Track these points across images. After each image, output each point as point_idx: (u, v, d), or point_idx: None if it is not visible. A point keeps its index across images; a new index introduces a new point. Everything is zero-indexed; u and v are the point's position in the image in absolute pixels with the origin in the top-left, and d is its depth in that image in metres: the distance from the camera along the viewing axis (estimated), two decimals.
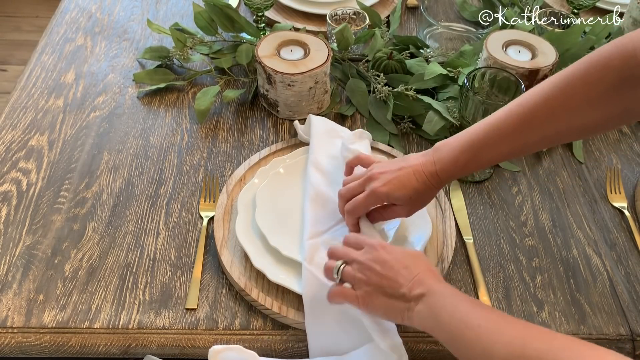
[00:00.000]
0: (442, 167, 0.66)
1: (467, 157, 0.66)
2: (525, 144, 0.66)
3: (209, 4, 1.02)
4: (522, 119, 0.63)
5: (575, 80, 0.61)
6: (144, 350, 0.69)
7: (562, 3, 1.19)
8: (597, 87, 0.60)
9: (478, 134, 0.65)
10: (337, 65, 1.04)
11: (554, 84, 0.63)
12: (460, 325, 0.54)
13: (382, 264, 0.60)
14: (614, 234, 0.82)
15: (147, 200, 0.83)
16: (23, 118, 0.95)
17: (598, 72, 0.60)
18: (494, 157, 0.68)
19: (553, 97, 0.62)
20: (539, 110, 0.63)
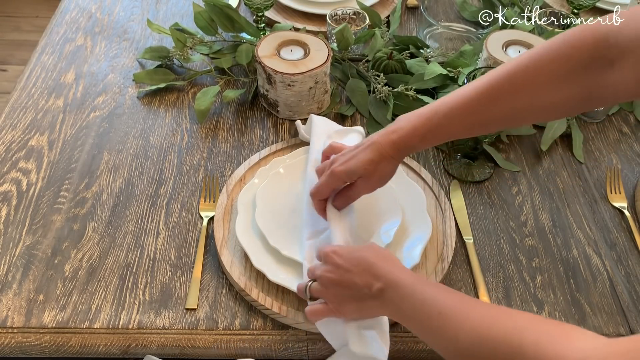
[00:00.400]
0: (399, 136, 0.65)
1: (426, 128, 0.65)
2: (486, 120, 0.65)
3: (209, 4, 1.02)
4: (486, 93, 0.63)
5: (542, 58, 0.61)
6: (144, 350, 0.69)
7: (562, 3, 1.19)
8: (564, 64, 0.60)
9: (439, 106, 0.65)
10: (337, 65, 1.04)
11: (520, 60, 0.62)
12: (423, 316, 0.54)
13: (337, 270, 0.60)
14: (614, 234, 0.82)
15: (147, 200, 0.83)
16: (23, 118, 0.95)
17: (568, 50, 0.60)
18: (454, 131, 0.67)
19: (517, 72, 0.62)
20: (503, 84, 0.62)
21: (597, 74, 0.59)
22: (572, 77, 0.60)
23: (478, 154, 0.90)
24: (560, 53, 0.60)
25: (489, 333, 0.48)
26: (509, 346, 0.46)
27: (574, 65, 0.59)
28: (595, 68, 0.59)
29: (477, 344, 0.49)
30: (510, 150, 0.93)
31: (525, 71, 0.61)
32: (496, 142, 0.94)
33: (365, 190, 0.70)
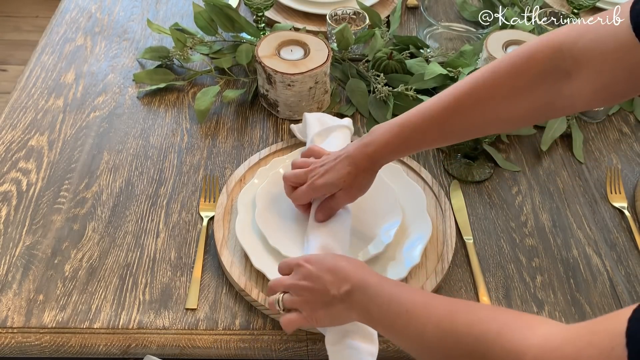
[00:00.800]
0: (374, 149, 0.68)
1: (398, 141, 0.67)
2: (453, 131, 0.67)
3: (209, 4, 1.02)
4: (450, 106, 0.65)
5: (501, 70, 0.62)
6: (144, 350, 0.69)
7: (562, 3, 1.19)
8: (522, 77, 0.61)
9: (410, 119, 0.67)
10: (337, 65, 1.04)
11: (481, 73, 0.64)
12: (390, 315, 0.55)
13: (308, 278, 0.61)
14: (614, 234, 0.82)
15: (147, 200, 0.83)
16: (23, 118, 0.95)
17: (524, 63, 0.61)
18: (424, 142, 0.70)
19: (479, 85, 0.63)
20: (466, 97, 0.64)
21: (555, 85, 0.61)
22: (531, 88, 0.62)
23: (478, 154, 0.90)
24: (518, 66, 0.62)
25: (451, 327, 0.49)
26: (473, 337, 0.47)
27: (532, 77, 0.61)
28: (552, 79, 0.60)
29: (442, 338, 0.50)
30: (510, 150, 0.93)
31: (485, 85, 0.63)
32: (496, 142, 0.94)
33: (345, 201, 0.72)
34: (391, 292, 0.56)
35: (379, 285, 0.57)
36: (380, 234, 0.75)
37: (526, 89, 0.62)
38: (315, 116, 0.88)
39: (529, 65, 0.61)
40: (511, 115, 0.64)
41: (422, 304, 0.53)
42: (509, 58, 0.63)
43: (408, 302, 0.54)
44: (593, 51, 0.57)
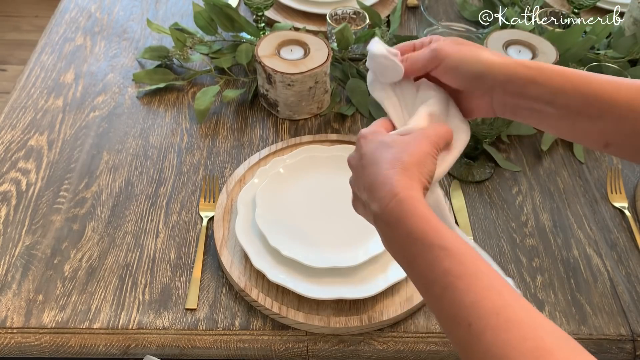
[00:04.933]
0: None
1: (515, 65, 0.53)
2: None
3: (208, 4, 1.02)
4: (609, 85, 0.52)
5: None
6: (143, 350, 0.69)
7: (563, 3, 1.19)
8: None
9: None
10: (337, 65, 1.04)
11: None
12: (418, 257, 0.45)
13: (359, 158, 0.53)
14: (614, 234, 0.81)
15: (146, 200, 0.83)
16: (22, 118, 0.95)
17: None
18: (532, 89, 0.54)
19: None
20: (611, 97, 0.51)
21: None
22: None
23: (478, 153, 0.90)
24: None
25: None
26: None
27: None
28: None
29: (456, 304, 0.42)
30: (511, 150, 0.93)
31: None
32: (497, 142, 0.94)
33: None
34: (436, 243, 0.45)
35: (413, 232, 0.46)
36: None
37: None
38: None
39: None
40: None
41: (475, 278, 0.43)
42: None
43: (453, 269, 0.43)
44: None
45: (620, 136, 0.51)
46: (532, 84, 0.52)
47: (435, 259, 0.43)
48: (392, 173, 0.49)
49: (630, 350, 0.70)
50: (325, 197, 0.81)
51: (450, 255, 0.43)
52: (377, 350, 0.69)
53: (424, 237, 0.45)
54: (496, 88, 0.53)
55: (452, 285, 0.42)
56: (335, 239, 0.76)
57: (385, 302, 0.71)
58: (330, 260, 0.72)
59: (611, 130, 0.51)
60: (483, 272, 0.43)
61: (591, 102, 0.51)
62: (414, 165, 0.50)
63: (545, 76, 0.52)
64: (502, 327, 0.40)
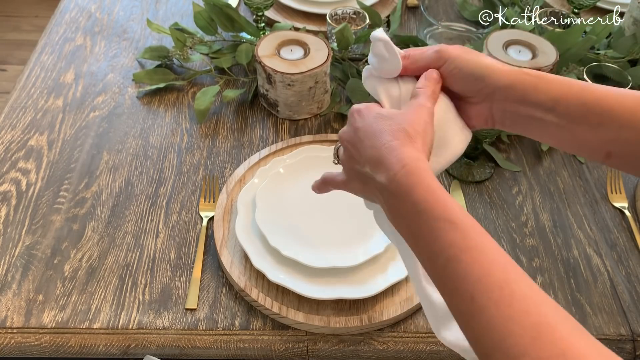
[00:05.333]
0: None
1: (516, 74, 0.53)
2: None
3: (208, 4, 1.02)
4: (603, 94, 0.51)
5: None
6: (143, 350, 0.69)
7: (563, 3, 1.19)
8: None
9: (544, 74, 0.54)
10: (337, 65, 1.04)
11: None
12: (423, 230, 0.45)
13: (354, 132, 0.52)
14: (614, 234, 0.81)
15: (146, 200, 0.83)
16: (22, 118, 0.95)
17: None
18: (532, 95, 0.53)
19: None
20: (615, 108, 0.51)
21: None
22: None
23: (478, 153, 0.90)
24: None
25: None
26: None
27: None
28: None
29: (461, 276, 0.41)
30: (511, 150, 0.93)
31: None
32: (497, 142, 0.94)
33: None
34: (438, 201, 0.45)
35: (422, 202, 0.45)
36: (381, 233, 0.75)
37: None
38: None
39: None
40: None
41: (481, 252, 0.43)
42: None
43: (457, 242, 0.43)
44: None
45: (622, 145, 0.51)
46: (533, 91, 0.52)
47: (440, 231, 0.43)
48: (398, 144, 0.48)
49: (630, 350, 0.70)
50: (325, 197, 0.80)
51: (456, 229, 0.43)
52: (377, 350, 0.69)
53: (431, 209, 0.44)
54: (497, 93, 0.53)
55: (457, 257, 0.42)
56: (335, 239, 0.76)
57: (385, 302, 0.71)
58: (330, 260, 0.72)
59: (612, 139, 0.51)
60: (488, 246, 0.43)
61: (592, 110, 0.51)
62: (418, 134, 0.49)
63: (546, 83, 0.52)
64: (505, 301, 0.40)
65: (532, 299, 0.40)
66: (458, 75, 0.54)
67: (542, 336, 0.37)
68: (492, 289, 0.40)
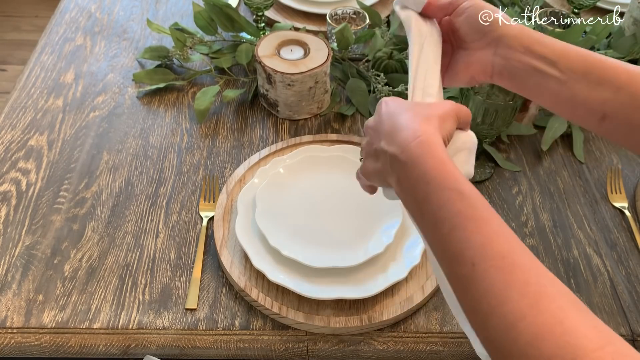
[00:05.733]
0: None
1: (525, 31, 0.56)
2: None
3: (208, 4, 1.02)
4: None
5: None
6: (143, 350, 0.69)
7: (563, 3, 1.19)
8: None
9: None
10: (337, 65, 1.04)
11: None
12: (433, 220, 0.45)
13: (376, 121, 0.54)
14: (614, 234, 0.81)
15: (146, 200, 0.83)
16: (22, 118, 0.95)
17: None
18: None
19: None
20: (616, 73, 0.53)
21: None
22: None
23: (478, 153, 0.90)
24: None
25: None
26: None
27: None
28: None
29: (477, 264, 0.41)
30: (511, 150, 0.93)
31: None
32: (497, 142, 0.94)
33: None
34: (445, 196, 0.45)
35: (432, 180, 0.46)
36: (381, 234, 0.75)
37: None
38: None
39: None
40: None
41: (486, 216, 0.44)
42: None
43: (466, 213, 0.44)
44: None
45: (617, 108, 0.52)
46: (537, 44, 0.54)
47: (448, 200, 0.44)
48: (416, 120, 0.49)
49: None
50: (325, 197, 0.81)
51: (464, 199, 0.44)
52: (377, 350, 0.69)
53: (440, 178, 0.45)
54: (503, 39, 0.54)
55: (462, 225, 0.43)
56: (335, 239, 0.76)
57: (385, 302, 0.71)
58: (330, 260, 0.72)
59: (609, 100, 0.52)
60: (494, 218, 0.43)
61: (592, 68, 0.52)
62: (436, 117, 0.50)
63: (551, 40, 0.54)
64: (506, 269, 0.40)
65: (533, 270, 0.40)
66: (469, 17, 0.56)
67: (540, 304, 0.38)
68: (494, 257, 0.41)
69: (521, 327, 0.37)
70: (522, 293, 0.39)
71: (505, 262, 0.40)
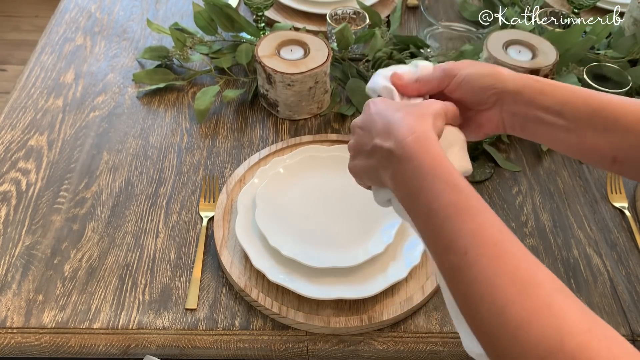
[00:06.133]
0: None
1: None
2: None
3: (208, 4, 1.02)
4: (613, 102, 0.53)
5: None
6: (143, 350, 0.69)
7: (563, 3, 1.19)
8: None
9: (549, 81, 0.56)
10: (337, 65, 1.04)
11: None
12: (424, 210, 0.46)
13: (365, 120, 0.54)
14: (614, 234, 0.81)
15: (146, 200, 0.83)
16: (22, 118, 0.95)
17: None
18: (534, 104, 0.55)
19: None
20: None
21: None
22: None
23: (478, 154, 0.90)
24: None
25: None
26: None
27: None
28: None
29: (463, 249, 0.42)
30: (511, 150, 0.93)
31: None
32: (497, 142, 0.94)
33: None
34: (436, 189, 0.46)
35: (426, 174, 0.47)
36: (381, 233, 0.75)
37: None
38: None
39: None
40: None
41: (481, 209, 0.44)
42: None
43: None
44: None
45: (628, 150, 0.52)
46: (540, 95, 0.54)
47: (442, 191, 0.45)
48: (410, 118, 0.50)
49: None
50: (325, 197, 0.81)
51: (458, 192, 0.45)
52: (377, 350, 0.69)
53: (435, 172, 0.46)
54: (506, 98, 0.55)
55: (454, 215, 0.44)
56: (335, 239, 0.76)
57: (385, 302, 0.71)
58: (330, 260, 0.72)
59: (618, 143, 0.52)
60: (487, 209, 0.44)
61: (598, 114, 0.52)
62: (429, 115, 0.51)
63: (552, 88, 0.54)
64: (498, 255, 0.41)
65: (523, 258, 0.41)
66: (467, 87, 0.56)
67: (529, 290, 0.39)
68: (486, 244, 0.42)
69: (510, 312, 0.38)
70: (511, 279, 0.40)
71: (496, 249, 0.41)
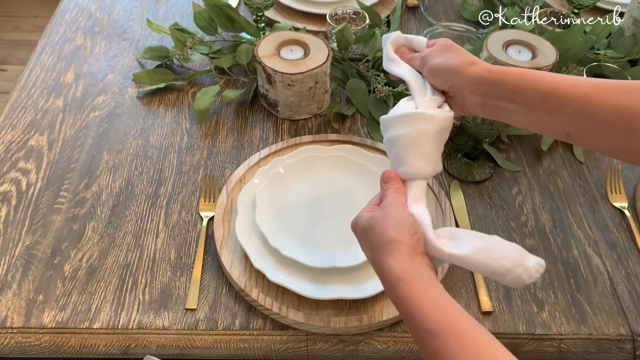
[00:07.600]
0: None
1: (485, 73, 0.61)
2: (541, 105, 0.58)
3: (208, 4, 1.02)
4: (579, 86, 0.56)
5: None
6: (143, 350, 0.69)
7: (563, 3, 1.19)
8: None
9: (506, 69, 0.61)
10: (337, 65, 1.04)
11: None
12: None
13: (361, 239, 0.59)
14: (614, 234, 0.81)
15: (146, 200, 0.83)
16: (22, 118, 0.95)
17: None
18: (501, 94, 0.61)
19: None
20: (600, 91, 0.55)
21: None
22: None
23: (478, 153, 0.90)
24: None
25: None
26: None
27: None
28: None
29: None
30: (511, 150, 0.93)
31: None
32: (497, 142, 0.94)
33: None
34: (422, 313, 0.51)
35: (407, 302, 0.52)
36: None
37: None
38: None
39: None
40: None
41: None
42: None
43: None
44: None
45: (577, 128, 0.56)
46: (494, 85, 0.60)
47: (425, 340, 0.49)
48: (392, 260, 0.53)
49: (630, 350, 0.70)
50: (325, 197, 0.81)
51: (437, 338, 0.48)
52: (377, 350, 0.69)
53: (418, 319, 0.50)
54: (464, 89, 0.62)
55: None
56: (335, 239, 0.76)
57: (385, 302, 0.71)
58: (330, 260, 0.72)
59: (568, 121, 0.56)
60: (467, 346, 0.47)
61: (548, 98, 0.57)
62: (403, 234, 0.55)
63: (506, 78, 0.60)
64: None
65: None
66: (434, 76, 0.65)
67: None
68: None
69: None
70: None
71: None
